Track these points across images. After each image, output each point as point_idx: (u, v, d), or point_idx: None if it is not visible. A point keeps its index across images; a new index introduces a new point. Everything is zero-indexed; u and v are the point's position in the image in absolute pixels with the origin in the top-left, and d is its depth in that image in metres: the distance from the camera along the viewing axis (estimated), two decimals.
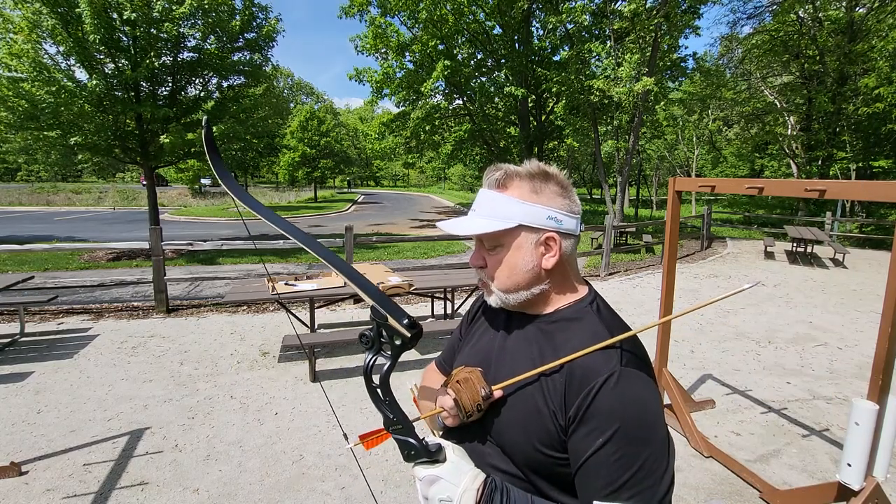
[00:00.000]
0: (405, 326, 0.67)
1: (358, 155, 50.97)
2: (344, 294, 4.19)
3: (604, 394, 0.70)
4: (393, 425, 0.75)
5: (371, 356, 0.75)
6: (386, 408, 0.75)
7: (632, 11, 10.77)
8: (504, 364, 0.86)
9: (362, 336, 0.75)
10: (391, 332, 0.70)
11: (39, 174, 48.19)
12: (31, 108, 7.75)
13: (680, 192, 3.04)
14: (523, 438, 0.78)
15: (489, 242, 0.85)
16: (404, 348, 0.70)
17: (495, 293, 0.86)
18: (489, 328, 0.96)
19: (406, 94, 15.77)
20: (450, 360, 1.07)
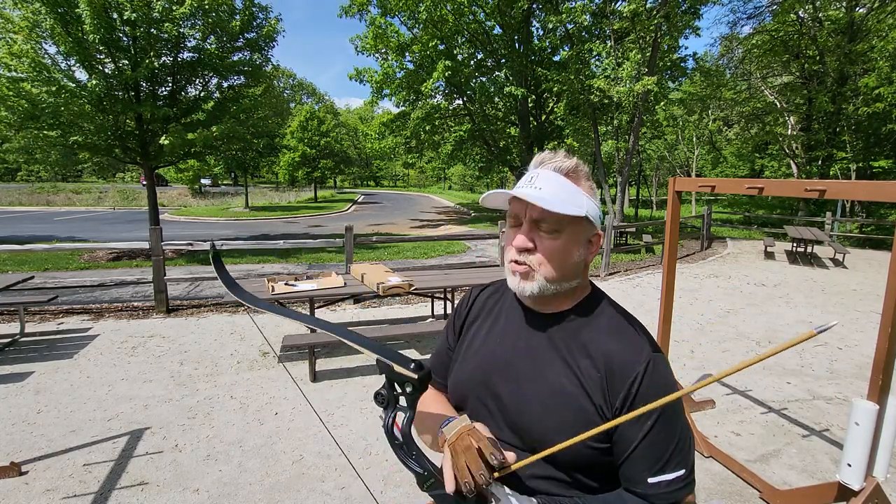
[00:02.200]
0: (411, 370, 0.67)
1: (358, 155, 50.97)
2: (344, 294, 4.19)
3: (646, 382, 0.76)
4: (426, 481, 0.71)
5: (390, 413, 0.73)
6: (414, 462, 0.71)
7: (632, 11, 10.77)
8: (528, 365, 0.83)
9: (378, 395, 0.73)
10: (401, 379, 0.70)
11: (39, 174, 48.20)
12: (31, 107, 7.76)
13: (680, 192, 3.04)
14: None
15: (550, 225, 0.79)
16: (417, 393, 0.70)
17: (538, 280, 0.80)
18: (495, 328, 0.92)
19: (406, 95, 15.78)
20: (442, 372, 1.00)
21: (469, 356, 0.93)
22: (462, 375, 0.92)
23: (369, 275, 4.24)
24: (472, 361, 0.91)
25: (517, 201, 0.81)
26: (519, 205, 0.81)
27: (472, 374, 0.90)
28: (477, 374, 0.89)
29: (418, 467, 0.71)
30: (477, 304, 0.99)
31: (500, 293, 0.98)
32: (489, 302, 0.98)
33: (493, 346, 0.89)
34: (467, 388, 0.90)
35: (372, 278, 4.12)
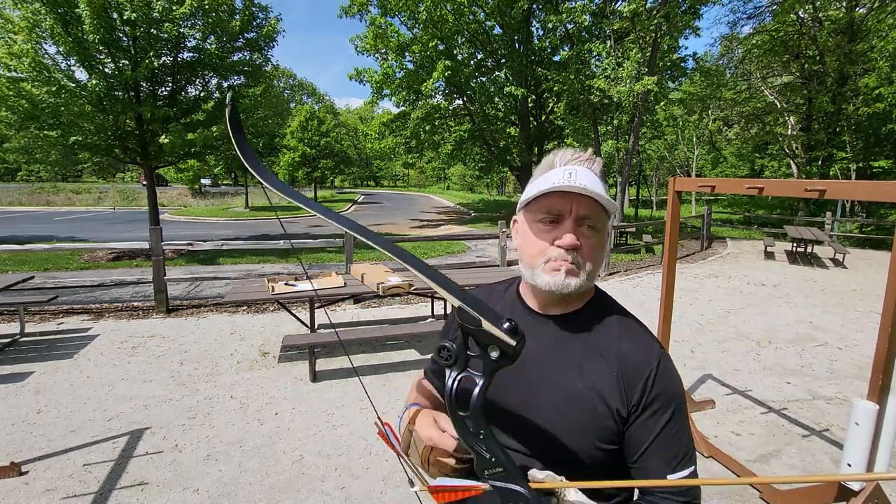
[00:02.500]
0: (506, 332, 0.54)
1: (358, 155, 50.97)
2: (344, 294, 4.19)
3: (659, 378, 0.77)
4: (491, 467, 0.59)
5: (455, 375, 0.60)
6: (480, 444, 0.59)
7: (632, 11, 10.77)
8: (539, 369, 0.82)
9: (443, 350, 0.59)
10: (485, 341, 0.56)
11: (39, 174, 48.17)
12: (31, 107, 7.76)
13: (680, 192, 3.04)
14: (585, 440, 0.77)
15: (593, 222, 0.79)
16: (505, 362, 0.56)
17: (580, 277, 0.79)
18: None
19: (406, 95, 15.78)
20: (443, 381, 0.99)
21: None
22: None
23: (369, 275, 4.25)
24: None
25: (560, 197, 0.77)
26: (562, 201, 0.77)
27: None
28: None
29: (485, 450, 0.59)
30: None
31: (492, 297, 0.96)
32: None
33: None
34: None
35: (372, 278, 4.13)
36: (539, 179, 0.81)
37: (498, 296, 0.96)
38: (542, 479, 0.61)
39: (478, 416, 0.59)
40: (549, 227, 0.79)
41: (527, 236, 0.83)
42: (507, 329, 0.54)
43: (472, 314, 0.56)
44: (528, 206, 0.82)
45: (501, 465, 0.59)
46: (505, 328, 0.54)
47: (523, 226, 0.85)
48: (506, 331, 0.54)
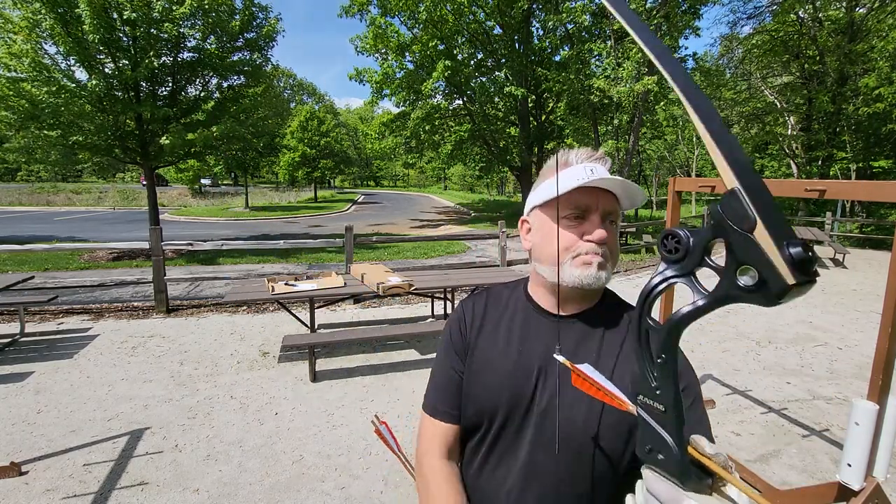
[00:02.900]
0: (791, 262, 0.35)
1: (358, 155, 50.97)
2: (344, 294, 4.19)
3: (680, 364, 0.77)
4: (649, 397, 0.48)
5: (669, 275, 0.46)
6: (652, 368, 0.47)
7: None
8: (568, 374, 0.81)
9: (671, 237, 0.45)
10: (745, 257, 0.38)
11: (39, 174, 48.17)
12: (31, 107, 7.76)
13: (680, 193, 3.04)
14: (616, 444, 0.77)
15: (615, 217, 0.82)
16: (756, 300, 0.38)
17: (608, 270, 0.80)
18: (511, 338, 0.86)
19: (406, 95, 15.79)
20: (453, 402, 0.89)
21: (488, 372, 0.85)
22: (486, 393, 0.84)
23: (369, 275, 4.25)
24: (496, 377, 0.84)
25: (586, 192, 0.78)
26: (589, 196, 0.78)
27: (499, 390, 0.83)
28: (505, 388, 0.82)
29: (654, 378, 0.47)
30: (474, 318, 0.92)
31: (498, 301, 0.93)
32: (488, 313, 0.92)
33: (515, 357, 0.83)
34: (495, 404, 0.83)
35: (372, 278, 4.12)
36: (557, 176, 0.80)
37: (505, 299, 0.93)
38: (709, 452, 0.50)
39: (671, 335, 0.45)
40: (574, 223, 0.79)
41: (549, 233, 0.81)
42: (793, 257, 0.35)
43: (747, 208, 0.37)
44: (549, 203, 0.81)
45: (665, 405, 0.47)
46: (791, 254, 0.35)
47: (542, 223, 0.83)
48: (788, 259, 0.35)
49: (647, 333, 0.48)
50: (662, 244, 0.46)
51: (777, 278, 0.36)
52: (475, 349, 0.89)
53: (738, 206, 0.38)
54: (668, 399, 0.47)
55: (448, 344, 0.93)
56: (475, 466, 0.87)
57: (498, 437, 0.83)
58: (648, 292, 0.47)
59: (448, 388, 0.90)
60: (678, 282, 0.45)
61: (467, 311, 0.94)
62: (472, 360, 0.88)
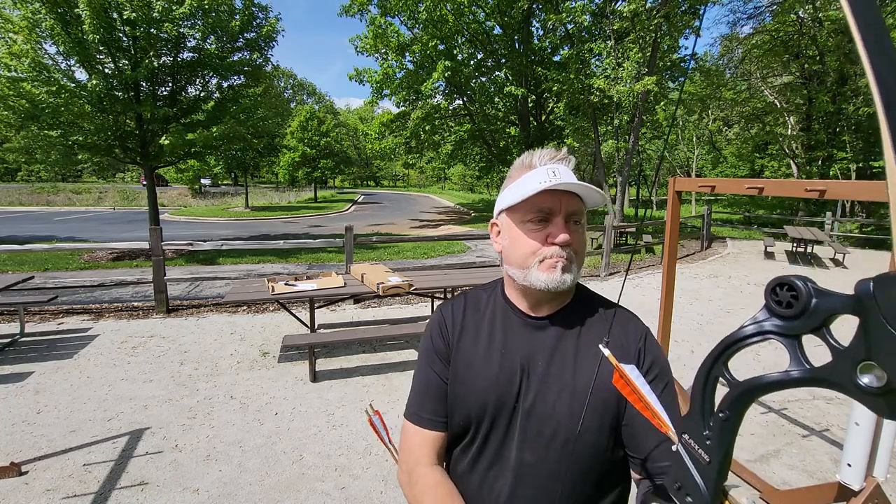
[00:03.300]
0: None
1: (358, 155, 50.96)
2: (344, 294, 4.19)
3: (650, 347, 0.83)
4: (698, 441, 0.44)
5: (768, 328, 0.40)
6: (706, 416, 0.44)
7: (632, 11, 10.78)
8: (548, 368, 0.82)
9: (786, 286, 0.38)
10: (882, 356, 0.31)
11: (39, 174, 48.18)
12: (31, 107, 7.76)
13: (680, 192, 3.04)
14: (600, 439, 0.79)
15: (580, 217, 0.83)
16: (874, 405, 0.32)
17: (573, 272, 0.81)
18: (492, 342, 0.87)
19: (406, 95, 15.80)
20: (439, 409, 0.89)
21: (473, 376, 0.86)
22: (472, 397, 0.85)
23: (369, 275, 4.25)
24: (480, 381, 0.85)
25: (549, 195, 0.79)
26: (552, 199, 0.79)
27: (485, 393, 0.84)
28: (491, 391, 0.83)
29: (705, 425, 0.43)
30: (454, 324, 0.92)
31: (476, 305, 0.93)
32: (467, 316, 0.92)
33: (498, 360, 0.85)
34: (481, 408, 0.84)
35: (372, 278, 4.12)
36: (521, 180, 0.82)
37: (484, 302, 0.93)
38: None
39: (746, 396, 0.41)
40: (539, 226, 0.80)
41: (516, 237, 0.83)
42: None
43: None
44: (514, 207, 0.82)
45: (711, 458, 0.43)
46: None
47: (509, 228, 0.85)
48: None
49: (715, 381, 0.45)
50: (773, 293, 0.39)
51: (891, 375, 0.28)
52: (458, 354, 0.88)
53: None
54: (717, 455, 0.43)
55: (430, 350, 0.92)
56: (464, 470, 0.87)
57: (486, 439, 0.84)
58: (734, 341, 0.42)
59: (433, 394, 0.89)
60: (777, 340, 0.39)
61: (447, 315, 0.93)
62: (456, 365, 0.88)
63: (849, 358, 0.33)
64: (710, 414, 0.44)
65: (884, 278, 0.32)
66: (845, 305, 0.34)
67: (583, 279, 7.97)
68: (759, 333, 0.39)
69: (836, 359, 0.34)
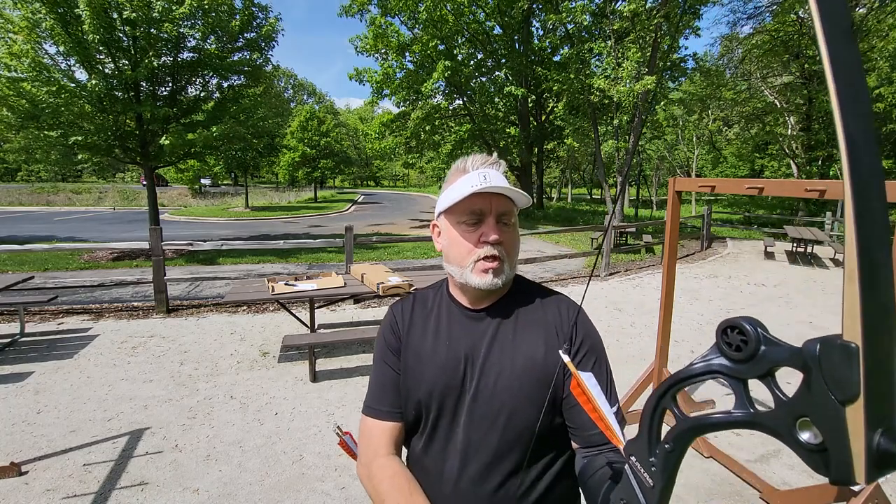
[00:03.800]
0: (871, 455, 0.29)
1: (358, 155, 50.95)
2: (344, 294, 4.19)
3: (581, 324, 0.89)
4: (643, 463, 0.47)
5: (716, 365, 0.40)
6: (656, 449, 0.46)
7: (632, 11, 10.78)
8: (487, 354, 0.88)
9: (735, 329, 0.39)
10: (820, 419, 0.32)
11: (39, 174, 48.21)
12: (31, 107, 7.76)
13: (680, 193, 3.04)
14: (533, 411, 0.84)
15: (510, 217, 0.88)
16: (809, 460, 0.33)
17: (506, 272, 0.87)
18: (439, 335, 0.92)
19: (406, 95, 15.80)
20: (393, 400, 0.94)
21: (422, 366, 0.91)
22: (422, 385, 0.90)
23: (369, 275, 4.25)
24: (428, 371, 0.90)
25: (480, 197, 0.85)
26: (483, 201, 0.85)
27: (433, 381, 0.89)
28: (439, 380, 0.89)
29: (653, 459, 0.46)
30: (403, 320, 0.98)
31: (424, 303, 0.99)
32: (415, 313, 0.98)
33: (444, 351, 0.90)
34: (429, 396, 0.89)
35: (372, 278, 4.12)
36: (455, 184, 0.88)
37: (430, 300, 1.00)
38: None
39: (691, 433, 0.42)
40: (472, 228, 0.86)
41: (453, 238, 0.89)
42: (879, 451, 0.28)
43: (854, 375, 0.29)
44: (450, 209, 0.88)
45: (655, 483, 0.46)
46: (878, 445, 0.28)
47: (447, 229, 0.91)
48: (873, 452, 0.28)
49: (662, 413, 0.46)
50: (724, 334, 0.40)
51: (844, 466, 0.29)
52: (407, 348, 0.94)
53: (846, 368, 0.29)
54: (660, 482, 0.46)
55: (383, 346, 0.98)
56: (417, 456, 0.94)
57: (436, 425, 0.90)
58: (683, 378, 0.43)
59: (390, 387, 0.95)
60: (724, 381, 0.40)
61: (397, 313, 1.00)
62: (407, 357, 0.94)
63: (790, 410, 0.34)
64: (657, 443, 0.46)
65: (828, 342, 0.31)
66: (791, 359, 0.35)
67: (583, 279, 8.00)
68: (708, 372, 0.41)
69: (778, 408, 0.35)
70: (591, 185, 35.85)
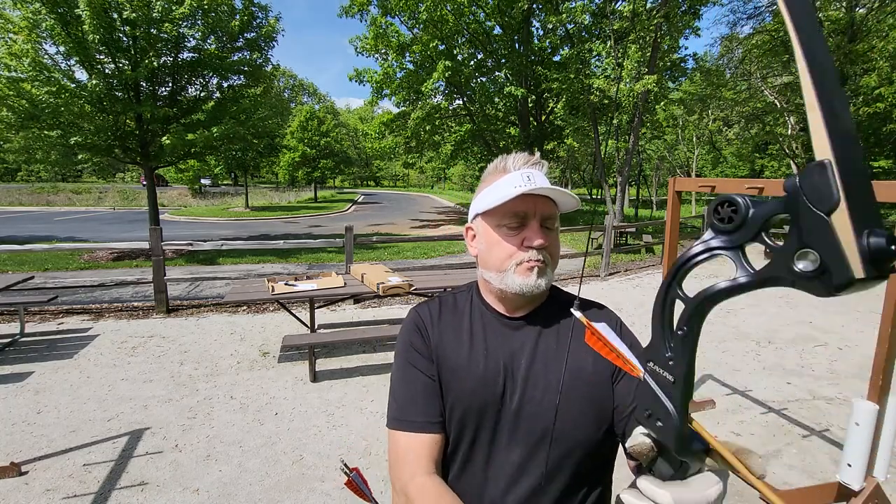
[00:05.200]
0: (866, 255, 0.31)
1: (358, 155, 50.94)
2: (344, 294, 4.19)
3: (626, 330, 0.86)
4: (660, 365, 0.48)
5: (715, 244, 0.42)
6: (667, 337, 0.47)
7: (631, 11, 10.78)
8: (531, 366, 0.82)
9: (727, 203, 0.40)
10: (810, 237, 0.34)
11: (39, 174, 48.19)
12: (31, 107, 7.76)
13: (680, 193, 3.04)
14: (586, 427, 0.80)
15: (554, 221, 0.85)
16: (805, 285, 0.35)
17: (548, 275, 0.82)
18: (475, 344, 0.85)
19: (406, 95, 15.78)
20: (433, 410, 0.83)
21: (459, 380, 0.83)
22: (459, 402, 0.83)
23: (369, 275, 4.25)
24: (467, 384, 0.83)
25: (523, 200, 0.79)
26: (526, 203, 0.80)
27: (470, 397, 0.82)
28: (478, 394, 0.82)
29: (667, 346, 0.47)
30: (432, 324, 0.90)
31: (453, 308, 0.92)
32: (444, 319, 0.91)
33: (482, 362, 0.83)
34: (467, 412, 0.82)
35: (372, 278, 4.12)
36: (495, 185, 0.82)
37: (461, 306, 0.92)
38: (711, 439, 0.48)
39: (700, 308, 0.44)
40: (514, 232, 0.81)
41: (492, 242, 0.83)
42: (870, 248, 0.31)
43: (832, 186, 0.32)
44: (489, 212, 0.83)
45: (675, 376, 0.46)
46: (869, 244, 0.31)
47: (485, 233, 0.85)
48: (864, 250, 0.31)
49: (672, 302, 0.47)
50: (715, 211, 0.41)
51: (843, 269, 0.31)
52: (440, 357, 0.86)
53: (823, 181, 0.32)
54: (680, 372, 0.46)
55: (409, 349, 0.88)
56: (454, 476, 0.84)
57: (474, 442, 0.82)
58: (685, 261, 0.44)
59: (422, 394, 0.84)
60: (723, 254, 0.41)
61: (423, 314, 0.93)
62: (441, 367, 0.85)
63: (786, 252, 0.36)
64: (671, 334, 0.47)
65: (807, 169, 0.34)
66: (778, 206, 0.37)
67: (584, 278, 7.99)
68: (707, 251, 0.43)
69: (776, 256, 0.37)
70: (590, 184, 35.86)
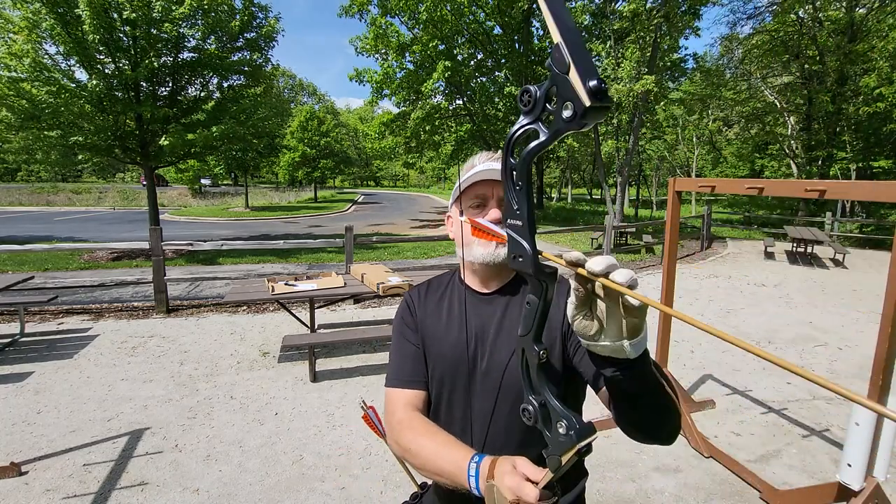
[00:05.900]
0: (589, 91, 0.47)
1: (358, 155, 50.95)
2: (344, 294, 4.19)
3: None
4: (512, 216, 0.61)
5: (525, 123, 0.56)
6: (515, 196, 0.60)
7: (632, 11, 10.78)
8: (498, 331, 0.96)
9: (525, 92, 0.55)
10: (565, 94, 0.49)
11: (39, 174, 48.18)
12: (31, 107, 7.76)
13: (680, 193, 3.04)
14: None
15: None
16: (572, 126, 0.49)
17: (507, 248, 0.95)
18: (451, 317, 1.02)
19: (406, 95, 15.79)
20: (420, 370, 1.02)
21: (437, 345, 1.01)
22: (438, 365, 1.00)
23: (369, 275, 4.25)
24: (444, 350, 0.99)
25: (483, 185, 0.96)
26: (485, 187, 0.96)
27: (447, 361, 0.99)
28: (452, 358, 0.98)
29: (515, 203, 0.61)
30: (419, 302, 1.08)
31: (437, 287, 1.10)
32: (429, 297, 1.09)
33: (456, 332, 1.00)
34: (444, 373, 0.99)
35: (372, 278, 4.12)
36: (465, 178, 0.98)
37: (444, 285, 1.10)
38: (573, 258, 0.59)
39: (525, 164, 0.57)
40: (477, 211, 0.97)
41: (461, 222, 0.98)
42: (592, 88, 0.46)
43: (564, 56, 0.48)
44: (459, 198, 0.99)
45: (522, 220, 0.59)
46: (590, 86, 0.46)
47: (456, 216, 1.02)
48: (589, 89, 0.46)
49: (511, 169, 0.59)
50: (520, 99, 0.55)
51: (581, 104, 0.47)
52: (424, 328, 1.04)
53: (560, 55, 0.49)
54: (524, 215, 0.59)
55: (401, 325, 1.08)
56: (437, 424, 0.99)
57: (451, 399, 0.99)
58: (511, 137, 0.58)
59: (410, 359, 1.03)
60: (531, 127, 0.55)
61: (413, 296, 1.11)
62: (424, 337, 1.03)
63: (556, 110, 0.51)
64: (513, 190, 0.59)
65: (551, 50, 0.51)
66: (549, 82, 0.52)
67: None
68: (521, 127, 0.56)
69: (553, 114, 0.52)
70: (591, 185, 35.84)
